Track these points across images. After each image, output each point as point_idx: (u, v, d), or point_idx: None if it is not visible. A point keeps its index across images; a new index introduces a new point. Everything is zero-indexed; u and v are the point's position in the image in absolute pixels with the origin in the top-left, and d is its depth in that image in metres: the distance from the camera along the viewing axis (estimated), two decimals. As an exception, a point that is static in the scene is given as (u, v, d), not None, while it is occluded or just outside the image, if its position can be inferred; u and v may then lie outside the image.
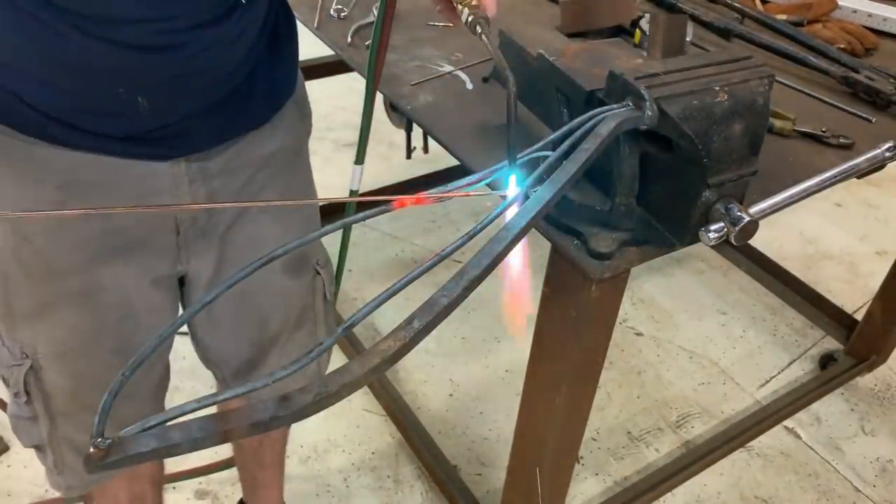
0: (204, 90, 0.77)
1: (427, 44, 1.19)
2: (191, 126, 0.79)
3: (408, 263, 2.26)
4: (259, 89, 0.85)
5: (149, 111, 0.73)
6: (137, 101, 0.72)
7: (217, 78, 0.77)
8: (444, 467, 1.63)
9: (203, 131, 0.81)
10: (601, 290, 0.81)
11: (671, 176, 0.76)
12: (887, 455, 1.83)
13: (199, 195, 0.85)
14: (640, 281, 2.30)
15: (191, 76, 0.74)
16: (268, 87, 0.87)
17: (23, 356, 0.89)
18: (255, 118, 0.87)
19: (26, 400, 0.92)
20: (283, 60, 0.90)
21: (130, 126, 0.75)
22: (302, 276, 1.04)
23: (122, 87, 0.71)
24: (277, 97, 0.91)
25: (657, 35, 0.94)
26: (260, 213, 0.93)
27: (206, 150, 0.83)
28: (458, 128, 0.98)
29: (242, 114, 0.85)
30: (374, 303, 0.50)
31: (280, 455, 1.40)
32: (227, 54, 0.76)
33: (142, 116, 0.74)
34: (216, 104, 0.79)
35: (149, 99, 0.72)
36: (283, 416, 0.45)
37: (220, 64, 0.76)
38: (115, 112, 0.73)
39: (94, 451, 0.42)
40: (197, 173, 0.83)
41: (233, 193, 0.89)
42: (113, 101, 0.72)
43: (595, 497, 1.67)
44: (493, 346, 2.02)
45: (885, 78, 1.11)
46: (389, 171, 2.61)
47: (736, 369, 2.03)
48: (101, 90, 0.71)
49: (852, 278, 2.40)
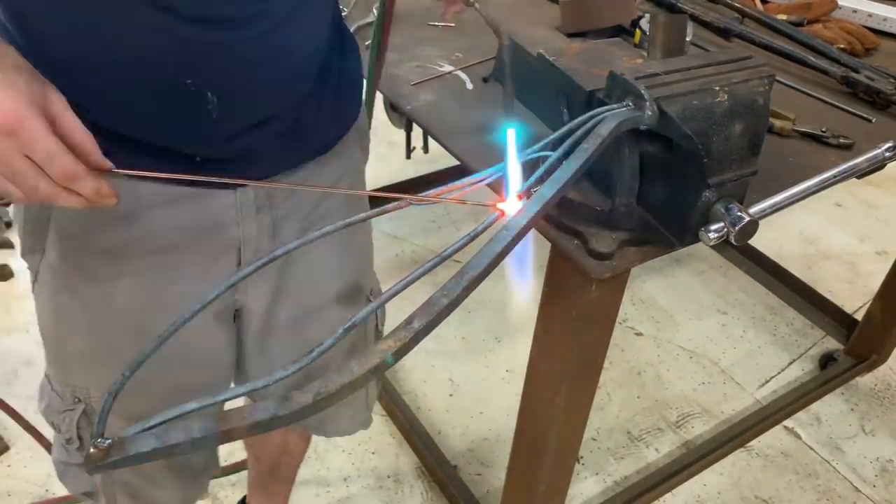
0: (273, 88, 0.74)
1: (427, 44, 1.19)
2: (258, 148, 0.76)
3: (408, 263, 2.26)
4: (326, 109, 0.83)
5: (218, 110, 0.69)
6: (207, 96, 0.68)
7: (285, 74, 0.74)
8: (444, 467, 1.63)
9: (270, 155, 0.78)
10: (601, 290, 0.81)
11: (671, 176, 0.76)
12: (887, 455, 1.83)
13: (265, 224, 0.83)
14: (640, 281, 2.30)
15: (259, 64, 0.70)
16: (334, 108, 0.85)
17: (75, 400, 0.86)
18: (321, 140, 0.85)
19: (79, 446, 0.89)
20: (349, 83, 0.88)
21: (200, 135, 0.72)
22: (355, 306, 1.02)
23: (190, 76, 0.67)
24: (343, 121, 0.89)
25: (657, 35, 0.94)
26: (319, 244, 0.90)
27: (272, 176, 0.80)
28: (458, 128, 0.98)
29: (309, 136, 0.82)
30: (374, 303, 0.50)
31: (295, 470, 1.40)
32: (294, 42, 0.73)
33: (211, 118, 0.70)
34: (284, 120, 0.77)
35: (219, 93, 0.68)
36: (283, 415, 0.45)
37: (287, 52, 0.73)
38: (183, 114, 0.70)
39: (95, 451, 0.42)
40: (264, 201, 0.81)
41: (298, 222, 0.87)
42: (182, 97, 0.68)
43: (595, 497, 1.67)
44: (493, 346, 2.02)
45: (885, 78, 1.11)
46: (389, 171, 2.61)
47: (736, 369, 2.03)
48: (169, 82, 0.67)
49: (852, 278, 2.40)
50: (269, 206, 0.83)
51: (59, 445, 0.92)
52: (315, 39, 0.78)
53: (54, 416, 0.89)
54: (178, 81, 0.67)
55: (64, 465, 0.94)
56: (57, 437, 0.92)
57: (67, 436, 0.88)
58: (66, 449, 0.91)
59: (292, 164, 0.83)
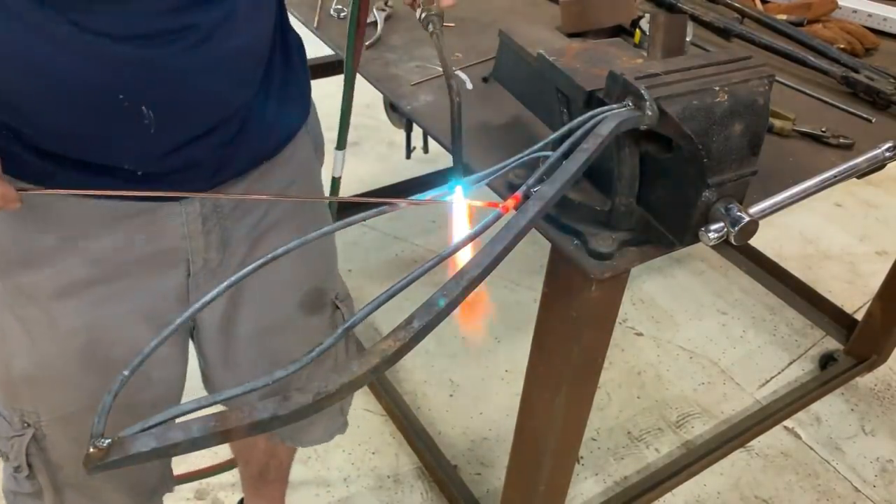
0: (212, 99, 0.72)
1: (427, 44, 1.19)
2: (201, 159, 0.75)
3: (408, 263, 2.26)
4: (270, 114, 0.80)
5: (155, 124, 0.68)
6: (142, 112, 0.67)
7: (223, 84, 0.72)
8: (444, 467, 1.63)
9: (215, 165, 0.77)
10: (601, 290, 0.81)
11: (671, 176, 0.76)
12: (887, 455, 1.83)
13: (213, 235, 0.81)
14: (640, 281, 2.30)
15: (194, 77, 0.68)
16: (280, 112, 0.82)
17: (24, 425, 0.83)
18: (267, 144, 0.83)
19: (28, 474, 0.86)
20: (296, 84, 0.86)
21: (139, 151, 0.70)
22: (321, 312, 1.00)
23: (123, 93, 0.65)
24: (290, 124, 0.87)
25: (657, 35, 0.94)
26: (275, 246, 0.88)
27: (217, 186, 0.79)
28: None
29: (254, 142, 0.80)
30: (374, 303, 0.50)
31: (286, 472, 1.40)
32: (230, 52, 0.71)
33: (149, 134, 0.68)
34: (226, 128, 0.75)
35: (154, 108, 0.67)
36: (283, 415, 0.45)
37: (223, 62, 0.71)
38: (122, 131, 0.68)
39: (94, 451, 0.42)
40: (210, 211, 0.80)
41: (247, 230, 0.85)
42: (117, 115, 0.66)
43: (595, 497, 1.67)
44: (493, 346, 2.02)
45: (885, 78, 1.11)
46: (389, 171, 2.61)
47: (736, 369, 2.03)
48: (103, 101, 0.66)
49: (852, 278, 2.39)
50: (217, 216, 0.81)
51: (8, 475, 0.89)
52: (255, 46, 0.75)
53: (1, 443, 0.86)
54: (112, 99, 0.65)
55: (13, 494, 0.90)
56: (5, 467, 0.88)
57: (16, 463, 0.85)
58: (16, 478, 0.88)
59: (239, 172, 0.80)
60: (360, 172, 2.61)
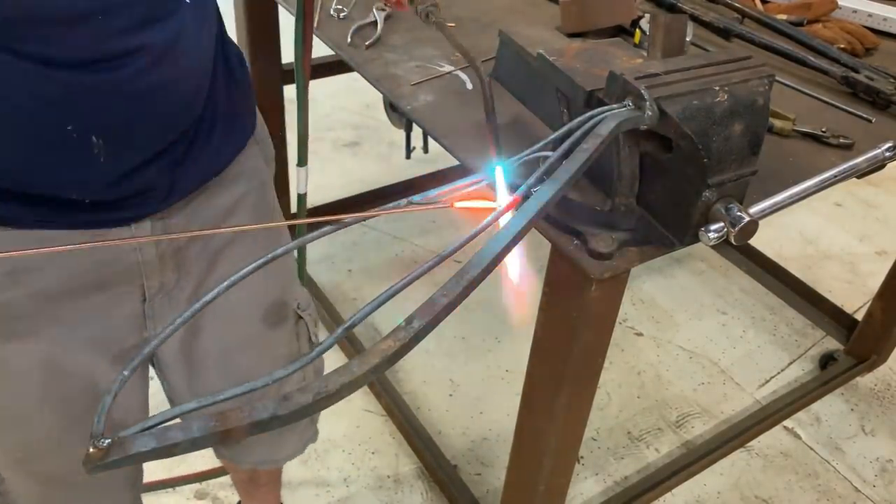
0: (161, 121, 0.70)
1: (427, 44, 1.19)
2: (152, 182, 0.72)
3: (408, 263, 2.26)
4: (218, 130, 0.79)
5: (105, 152, 0.65)
6: (91, 140, 0.64)
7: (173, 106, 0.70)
8: (444, 467, 1.63)
9: (165, 187, 0.74)
10: (601, 290, 0.81)
11: (671, 176, 0.76)
12: (887, 455, 1.83)
13: (167, 256, 0.79)
14: (640, 281, 2.30)
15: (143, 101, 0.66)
16: (227, 127, 0.80)
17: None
18: (217, 161, 0.81)
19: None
20: (241, 96, 0.84)
21: (88, 180, 0.67)
22: (283, 324, 0.98)
23: (70, 123, 0.62)
24: (238, 136, 0.85)
25: (657, 35, 0.94)
26: (230, 267, 0.85)
27: (168, 206, 0.76)
28: (458, 128, 0.98)
29: (203, 160, 0.78)
30: (374, 303, 0.50)
31: (277, 474, 1.39)
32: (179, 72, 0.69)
33: (98, 162, 0.65)
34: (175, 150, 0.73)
35: (104, 136, 0.64)
36: (283, 415, 0.44)
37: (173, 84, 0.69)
38: (69, 161, 0.65)
39: (94, 451, 0.42)
40: (162, 232, 0.77)
41: (202, 247, 0.83)
42: (64, 145, 0.63)
43: (595, 497, 1.67)
44: (493, 346, 2.02)
45: (885, 78, 1.11)
46: (389, 171, 2.61)
47: (736, 369, 2.03)
48: (49, 132, 0.63)
49: (852, 278, 2.40)
50: None
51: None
52: (201, 63, 0.73)
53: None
54: (59, 131, 0.62)
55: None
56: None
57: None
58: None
59: (190, 191, 0.78)
60: (360, 172, 2.61)
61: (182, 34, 0.67)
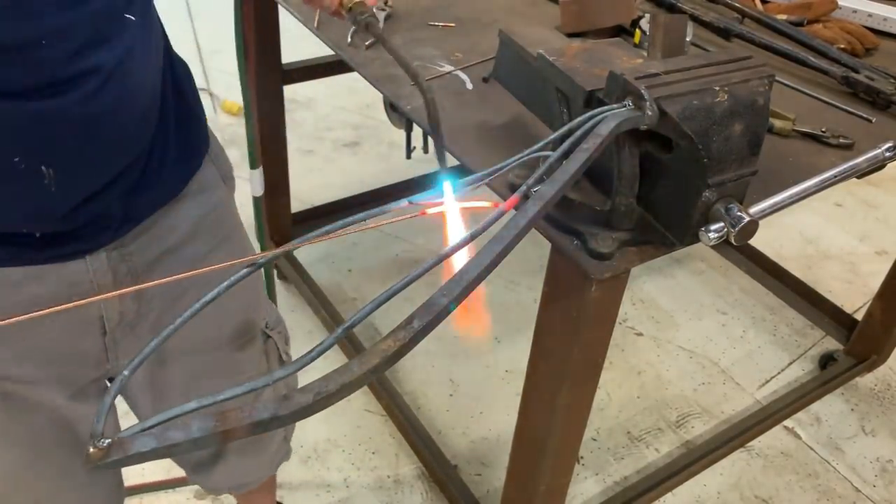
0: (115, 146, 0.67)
1: (427, 44, 1.19)
2: (107, 211, 0.70)
3: (408, 263, 2.26)
4: (171, 151, 0.76)
5: (56, 183, 0.62)
6: (41, 170, 0.61)
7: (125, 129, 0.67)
8: (444, 467, 1.63)
9: (121, 214, 0.72)
10: (601, 290, 0.81)
11: (671, 176, 0.76)
12: (887, 455, 1.83)
13: (126, 285, 0.76)
14: (640, 281, 2.30)
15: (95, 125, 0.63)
16: (179, 148, 0.78)
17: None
18: (172, 184, 0.78)
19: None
20: (191, 114, 0.82)
21: (41, 213, 0.65)
22: (250, 345, 0.96)
23: (17, 154, 0.59)
24: (192, 157, 0.82)
25: (657, 35, 0.94)
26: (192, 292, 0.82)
27: (124, 234, 0.74)
28: (458, 128, 0.98)
29: (158, 185, 0.76)
30: (374, 303, 0.50)
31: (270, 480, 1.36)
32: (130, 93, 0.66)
33: (50, 193, 0.63)
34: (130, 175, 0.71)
35: (54, 165, 0.61)
36: (283, 415, 0.44)
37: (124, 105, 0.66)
38: (19, 194, 0.63)
39: (94, 451, 0.42)
40: (119, 262, 0.74)
41: (161, 273, 0.79)
42: (14, 178, 0.61)
43: (595, 497, 1.67)
44: (493, 346, 2.02)
45: (885, 78, 1.11)
46: (389, 171, 2.61)
47: (736, 369, 2.03)
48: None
49: (852, 278, 2.40)
50: (127, 266, 0.76)
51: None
52: (151, 81, 0.70)
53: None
54: (6, 162, 0.59)
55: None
56: None
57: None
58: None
59: (145, 217, 0.76)
60: (360, 173, 2.61)
61: (130, 53, 0.65)
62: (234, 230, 0.91)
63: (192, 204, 0.81)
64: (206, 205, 0.84)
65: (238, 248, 0.92)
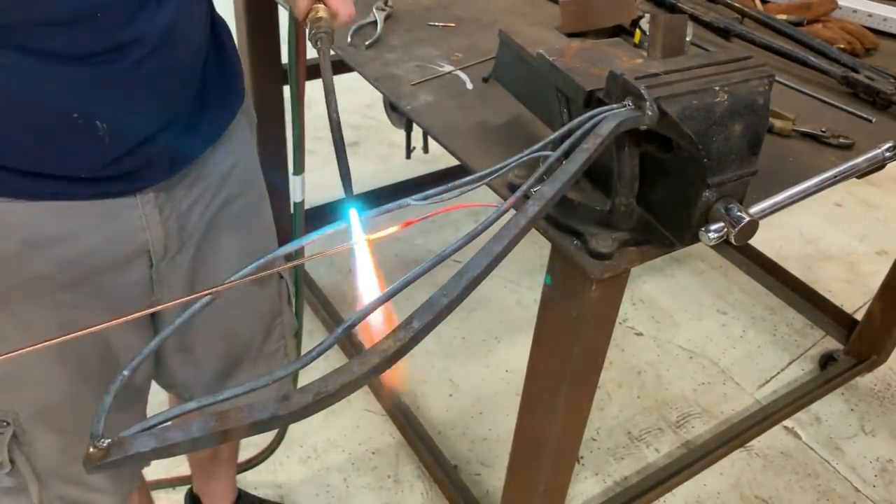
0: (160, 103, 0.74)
1: (427, 44, 1.19)
2: (153, 153, 0.76)
3: (408, 263, 2.26)
4: (213, 100, 0.84)
5: (109, 134, 0.70)
6: (96, 125, 0.69)
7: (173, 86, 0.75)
8: (444, 467, 1.63)
9: (165, 157, 0.79)
10: (601, 290, 0.81)
11: (671, 176, 0.75)
12: (887, 455, 1.83)
13: (171, 223, 0.84)
14: (640, 281, 2.30)
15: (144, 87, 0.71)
16: (220, 96, 0.85)
17: (2, 424, 0.85)
18: (213, 131, 0.86)
19: (10, 470, 0.88)
20: (230, 67, 0.89)
21: (94, 158, 0.72)
22: (268, 281, 1.03)
23: (76, 111, 0.67)
24: (230, 108, 0.90)
25: (657, 35, 0.94)
26: (224, 229, 0.92)
27: (170, 177, 0.81)
28: (458, 128, 0.98)
29: (202, 130, 0.83)
30: (375, 303, 0.50)
31: (235, 449, 1.42)
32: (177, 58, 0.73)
33: (103, 143, 0.70)
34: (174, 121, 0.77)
35: (107, 121, 0.69)
36: (283, 415, 0.44)
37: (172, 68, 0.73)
38: (75, 146, 0.70)
39: (94, 451, 0.42)
40: (165, 201, 0.82)
41: (201, 213, 0.88)
42: (71, 131, 0.68)
43: (595, 497, 1.67)
44: (493, 346, 2.02)
45: (885, 78, 1.11)
46: (389, 171, 2.61)
47: (736, 369, 2.03)
48: (56, 122, 0.67)
49: (852, 278, 2.40)
50: (171, 204, 0.83)
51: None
52: (196, 45, 0.77)
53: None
54: (65, 118, 0.67)
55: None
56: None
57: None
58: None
59: (189, 161, 0.83)
60: (360, 173, 2.61)
61: (176, 21, 0.71)
62: (256, 174, 1.00)
63: (226, 150, 0.89)
64: (237, 151, 0.92)
65: (260, 192, 1.01)
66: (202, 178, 0.86)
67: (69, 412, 0.87)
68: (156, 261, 0.85)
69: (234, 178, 0.92)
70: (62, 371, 0.84)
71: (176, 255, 0.87)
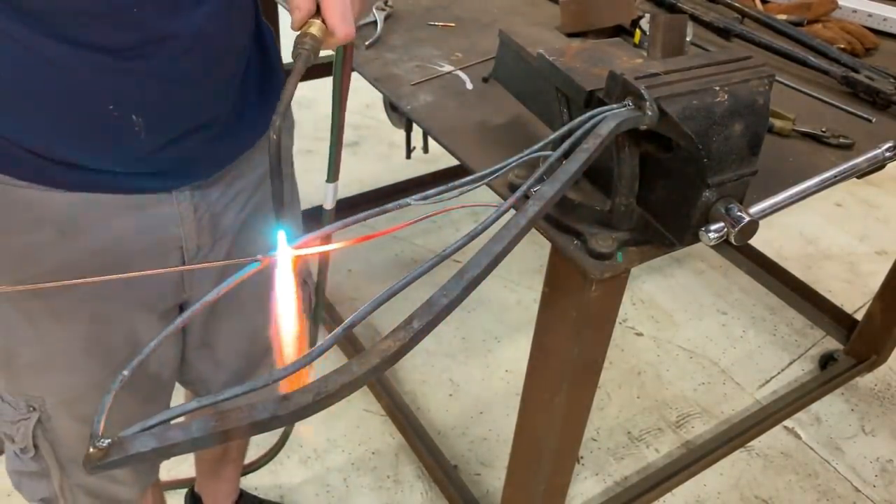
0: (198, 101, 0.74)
1: (427, 44, 1.19)
2: (189, 152, 0.77)
3: (408, 263, 2.26)
4: (252, 105, 0.83)
5: (145, 129, 0.70)
6: (132, 119, 0.69)
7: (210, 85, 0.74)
8: (444, 467, 1.63)
9: (201, 158, 0.79)
10: (601, 290, 0.81)
11: (671, 176, 0.76)
12: (887, 455, 1.83)
13: (205, 222, 0.84)
14: (640, 281, 2.30)
15: (179, 84, 0.70)
16: (261, 103, 0.85)
17: (29, 409, 0.87)
18: (251, 136, 0.85)
19: (34, 455, 0.89)
20: (273, 73, 0.88)
21: (130, 153, 0.72)
22: None
23: (111, 104, 0.67)
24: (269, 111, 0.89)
25: (657, 35, 0.94)
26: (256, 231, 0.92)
27: (206, 177, 0.81)
28: (458, 128, 0.98)
29: (239, 134, 0.83)
30: (374, 303, 0.50)
31: (244, 449, 1.43)
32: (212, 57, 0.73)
33: (139, 137, 0.70)
34: (211, 122, 0.77)
35: (143, 115, 0.69)
36: (283, 415, 0.44)
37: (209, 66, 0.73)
38: (111, 139, 0.70)
39: (94, 451, 0.42)
40: (200, 200, 0.82)
41: (235, 213, 0.88)
42: (107, 125, 0.69)
43: (595, 497, 1.67)
44: (493, 346, 2.02)
45: (885, 78, 1.11)
46: (389, 171, 2.61)
47: (736, 369, 2.03)
48: (94, 114, 0.68)
49: (852, 278, 2.40)
50: (206, 204, 0.83)
51: (12, 456, 0.93)
52: (234, 49, 0.77)
53: (6, 427, 0.89)
54: (102, 111, 0.67)
55: (18, 474, 0.94)
56: (9, 448, 0.92)
57: (22, 445, 0.89)
58: (21, 458, 0.92)
59: (226, 162, 0.83)
60: (360, 173, 2.61)
61: (213, 21, 0.70)
62: (291, 178, 1.02)
63: (264, 154, 0.88)
64: None
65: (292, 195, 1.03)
66: (238, 180, 0.86)
67: (94, 402, 0.88)
68: (188, 258, 0.85)
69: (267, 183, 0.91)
70: (90, 361, 0.85)
71: (208, 253, 0.88)
